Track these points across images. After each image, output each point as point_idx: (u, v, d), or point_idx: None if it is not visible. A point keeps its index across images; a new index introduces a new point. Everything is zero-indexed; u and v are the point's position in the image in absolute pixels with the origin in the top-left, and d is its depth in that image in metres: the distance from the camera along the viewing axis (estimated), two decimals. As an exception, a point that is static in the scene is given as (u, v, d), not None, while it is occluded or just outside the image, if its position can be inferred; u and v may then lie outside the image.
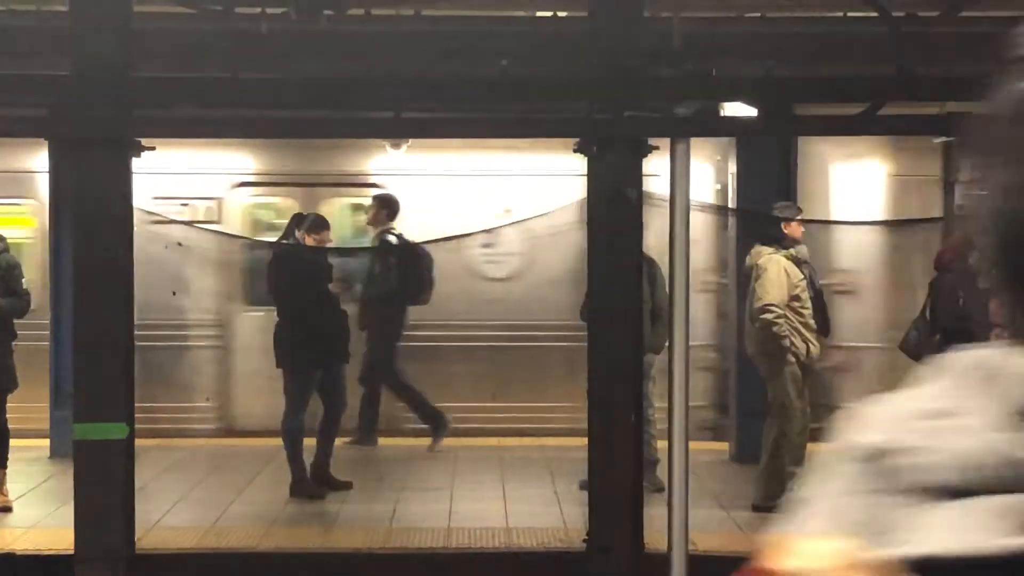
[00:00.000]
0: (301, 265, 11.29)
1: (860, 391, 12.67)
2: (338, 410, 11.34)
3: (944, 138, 12.03)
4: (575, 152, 8.87)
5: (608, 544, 8.59)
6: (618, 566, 8.58)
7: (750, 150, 12.65)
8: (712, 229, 13.30)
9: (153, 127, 8.89)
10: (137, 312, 9.07)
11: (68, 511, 8.68)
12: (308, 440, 11.18)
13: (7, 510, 10.38)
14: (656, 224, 9.23)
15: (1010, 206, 1.39)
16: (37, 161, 13.23)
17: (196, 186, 13.58)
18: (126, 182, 8.60)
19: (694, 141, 8.69)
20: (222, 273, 13.77)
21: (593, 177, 8.75)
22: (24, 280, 10.72)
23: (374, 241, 12.92)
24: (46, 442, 12.59)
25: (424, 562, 9.37)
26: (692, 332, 8.83)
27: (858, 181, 13.36)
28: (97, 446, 8.48)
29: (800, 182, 12.72)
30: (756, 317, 10.60)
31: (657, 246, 9.54)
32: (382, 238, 12.75)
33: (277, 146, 13.35)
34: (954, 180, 12.19)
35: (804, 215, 11.06)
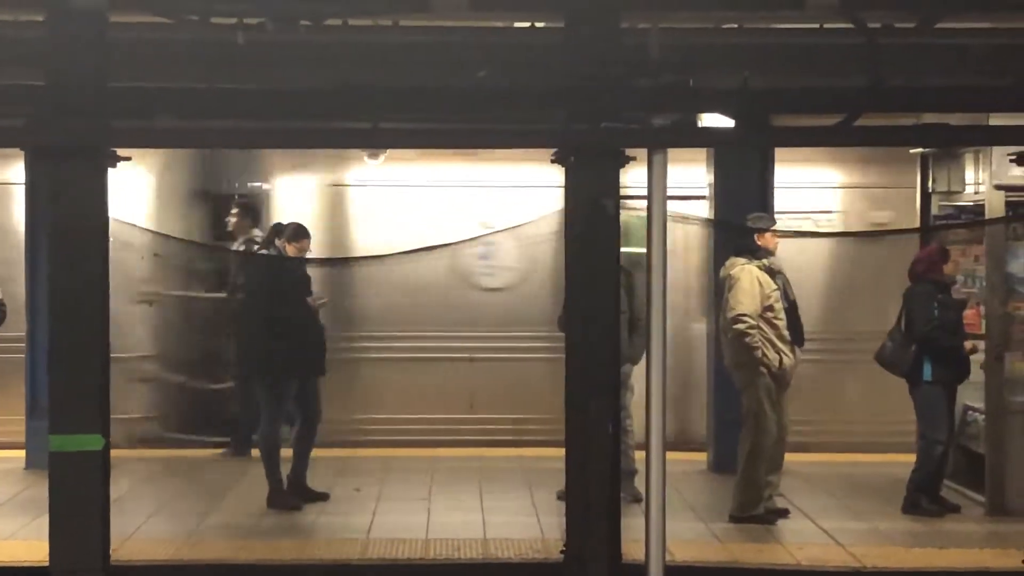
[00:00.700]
0: (283, 275, 11.28)
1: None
2: (314, 421, 11.34)
3: (920, 149, 12.08)
4: (552, 162, 8.88)
5: (585, 555, 8.57)
6: (595, 576, 8.57)
7: (727, 161, 12.68)
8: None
9: (129, 137, 8.87)
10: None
11: (43, 523, 8.64)
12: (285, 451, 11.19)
13: (-18, 522, 10.34)
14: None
15: None
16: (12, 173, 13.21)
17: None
18: (102, 193, 8.57)
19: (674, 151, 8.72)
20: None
21: (570, 187, 8.76)
22: (-1, 291, 10.70)
23: (238, 248, 13.03)
24: (22, 453, 12.54)
25: (402, 573, 9.36)
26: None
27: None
28: (73, 458, 8.44)
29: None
30: (729, 327, 10.62)
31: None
32: (247, 245, 12.84)
33: None
34: (931, 191, 12.22)
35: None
